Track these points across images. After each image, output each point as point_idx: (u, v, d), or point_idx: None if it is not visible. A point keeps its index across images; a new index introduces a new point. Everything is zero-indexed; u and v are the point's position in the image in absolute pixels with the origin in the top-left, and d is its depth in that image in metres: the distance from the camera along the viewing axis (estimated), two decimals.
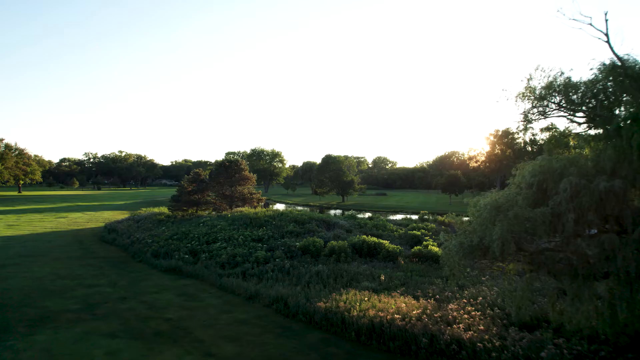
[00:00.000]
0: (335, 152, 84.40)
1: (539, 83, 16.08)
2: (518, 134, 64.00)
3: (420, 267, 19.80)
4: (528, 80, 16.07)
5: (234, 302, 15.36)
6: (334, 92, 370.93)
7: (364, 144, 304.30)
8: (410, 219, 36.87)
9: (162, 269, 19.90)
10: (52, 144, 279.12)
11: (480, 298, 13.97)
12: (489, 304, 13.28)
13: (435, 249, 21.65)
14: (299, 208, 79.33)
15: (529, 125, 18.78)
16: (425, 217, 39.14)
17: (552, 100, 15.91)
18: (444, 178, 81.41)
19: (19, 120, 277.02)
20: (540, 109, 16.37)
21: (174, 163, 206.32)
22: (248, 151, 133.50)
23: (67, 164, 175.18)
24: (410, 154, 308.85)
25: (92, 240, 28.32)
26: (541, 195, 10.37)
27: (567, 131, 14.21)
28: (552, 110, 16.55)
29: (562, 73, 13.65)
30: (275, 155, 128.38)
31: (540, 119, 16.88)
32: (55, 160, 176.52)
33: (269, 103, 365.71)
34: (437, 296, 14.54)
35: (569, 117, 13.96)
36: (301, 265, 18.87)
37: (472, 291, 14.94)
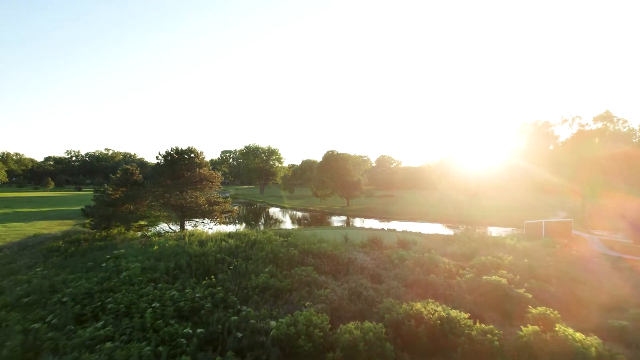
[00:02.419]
0: (337, 151, 72.08)
1: None
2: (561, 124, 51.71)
3: None
4: None
5: None
6: (334, 89, 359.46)
7: (366, 142, 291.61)
8: (456, 238, 24.54)
9: None
10: (46, 144, 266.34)
11: None
12: None
13: (575, 334, 9.68)
14: (298, 213, 67.37)
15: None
16: (456, 227, 26.93)
17: None
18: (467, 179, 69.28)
19: (11, 119, 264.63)
20: None
21: None
22: (243, 149, 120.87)
23: (52, 162, 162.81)
24: (415, 152, 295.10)
25: None
26: None
27: None
28: None
29: None
30: (271, 152, 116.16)
31: None
32: (40, 159, 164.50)
33: (267, 101, 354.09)
34: None
35: None
36: None
37: None
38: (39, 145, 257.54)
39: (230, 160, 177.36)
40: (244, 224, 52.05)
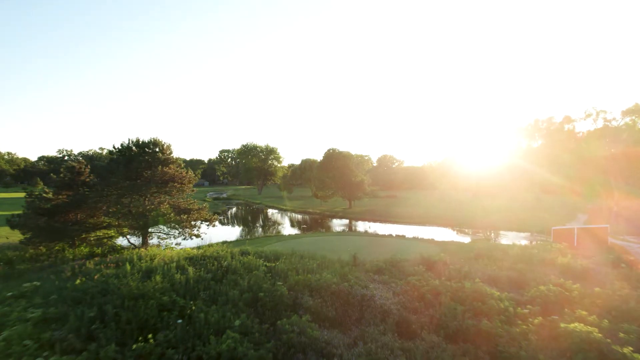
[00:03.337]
0: (338, 149, 67.16)
1: None
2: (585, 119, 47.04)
3: None
4: None
5: None
6: (335, 88, 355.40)
7: (368, 142, 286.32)
8: (480, 249, 19.61)
9: None
10: (43, 144, 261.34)
11: None
12: None
13: None
14: (297, 216, 62.56)
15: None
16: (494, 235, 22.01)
17: None
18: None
19: (8, 119, 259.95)
20: None
21: None
22: (240, 148, 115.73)
23: (44, 162, 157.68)
24: (417, 152, 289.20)
25: None
26: None
27: None
28: None
29: None
30: (270, 151, 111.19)
31: None
32: (35, 158, 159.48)
33: (267, 100, 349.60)
34: None
35: None
36: None
37: None
38: (36, 146, 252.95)
39: (229, 159, 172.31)
40: (234, 228, 47.25)
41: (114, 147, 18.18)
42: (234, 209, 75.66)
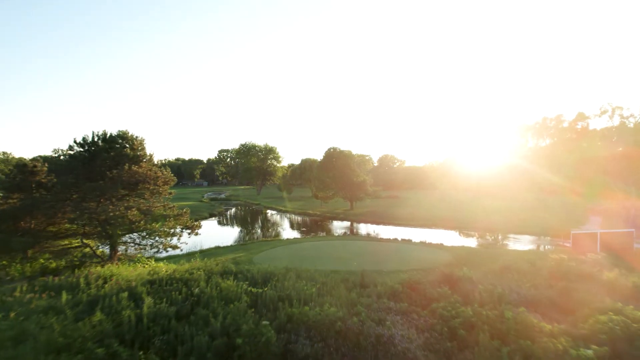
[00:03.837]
0: (339, 148, 64.47)
1: None
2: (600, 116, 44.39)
3: None
4: None
5: None
6: (335, 87, 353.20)
7: (368, 141, 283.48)
8: (503, 257, 16.86)
9: None
10: (42, 144, 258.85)
11: None
12: None
13: None
14: (296, 218, 59.96)
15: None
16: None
17: None
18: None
19: (7, 119, 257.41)
20: None
21: (162, 162, 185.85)
22: (239, 147, 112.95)
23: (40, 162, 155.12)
24: (419, 152, 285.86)
25: None
26: None
27: None
28: None
29: None
30: (269, 151, 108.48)
31: None
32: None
33: (267, 99, 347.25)
34: None
35: None
36: None
37: None
38: (36, 147, 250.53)
39: (228, 159, 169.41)
40: (231, 231, 44.43)
41: (74, 141, 15.39)
42: (232, 210, 73.09)
